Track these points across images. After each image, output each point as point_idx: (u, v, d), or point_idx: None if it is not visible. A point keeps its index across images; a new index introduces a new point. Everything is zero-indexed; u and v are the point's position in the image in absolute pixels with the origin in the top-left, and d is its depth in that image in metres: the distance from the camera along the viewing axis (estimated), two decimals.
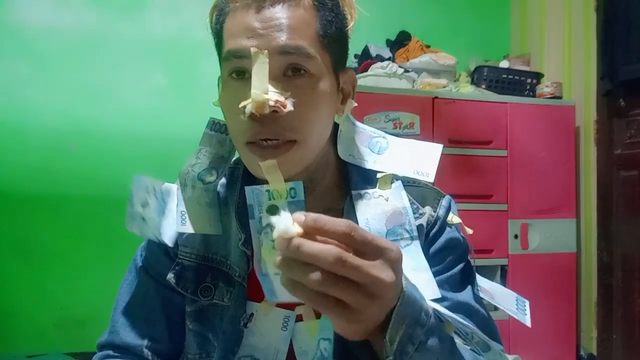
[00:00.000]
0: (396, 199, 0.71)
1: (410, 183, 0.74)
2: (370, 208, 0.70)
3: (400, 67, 2.46)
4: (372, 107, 2.20)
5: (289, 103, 0.60)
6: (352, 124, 0.75)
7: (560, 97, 2.56)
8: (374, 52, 2.62)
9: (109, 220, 2.57)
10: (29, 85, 2.55)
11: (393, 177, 0.72)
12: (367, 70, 2.43)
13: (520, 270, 2.37)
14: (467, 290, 0.72)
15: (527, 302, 0.71)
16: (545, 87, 2.57)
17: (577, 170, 2.54)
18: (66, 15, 2.63)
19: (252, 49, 0.60)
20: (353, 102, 0.73)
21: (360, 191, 0.72)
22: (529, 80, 2.62)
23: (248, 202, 0.60)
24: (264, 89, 0.59)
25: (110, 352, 0.75)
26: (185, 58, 2.75)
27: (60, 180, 2.55)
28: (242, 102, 0.60)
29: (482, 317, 0.71)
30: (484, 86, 2.55)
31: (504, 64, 2.71)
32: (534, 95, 2.59)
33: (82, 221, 2.57)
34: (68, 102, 2.58)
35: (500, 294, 0.74)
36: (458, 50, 2.67)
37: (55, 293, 2.53)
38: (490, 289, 0.75)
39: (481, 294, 0.73)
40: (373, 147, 0.75)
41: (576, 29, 2.67)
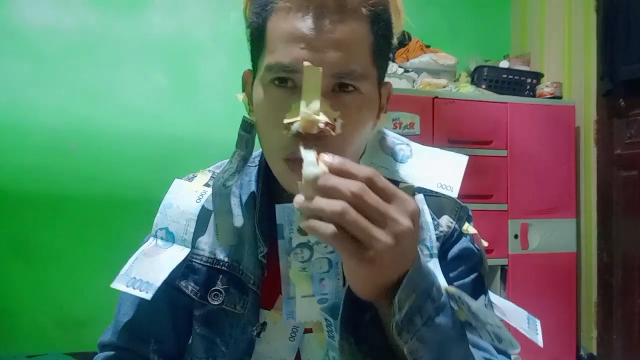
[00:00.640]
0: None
1: (429, 194, 0.71)
2: None
3: (400, 67, 2.47)
4: None
5: (338, 125, 0.57)
6: (377, 130, 0.72)
7: (560, 97, 2.56)
8: None
9: (109, 220, 2.57)
10: (29, 85, 2.55)
11: (415, 189, 0.70)
12: None
13: (520, 270, 2.37)
14: (480, 300, 0.70)
15: (539, 322, 0.70)
16: (545, 87, 2.57)
17: (577, 170, 2.54)
18: (66, 15, 2.63)
19: (305, 63, 0.55)
20: (387, 116, 0.72)
21: None
22: (529, 80, 2.62)
23: (278, 221, 0.57)
24: (314, 109, 0.55)
25: (113, 353, 0.73)
26: (185, 58, 2.76)
27: (60, 180, 2.54)
28: (288, 119, 0.56)
29: None
30: (484, 86, 2.55)
31: (504, 64, 2.71)
32: (534, 95, 2.59)
33: (82, 221, 2.57)
34: (68, 102, 2.58)
35: (512, 311, 0.73)
36: (458, 50, 2.67)
37: (55, 293, 2.53)
38: (502, 306, 0.73)
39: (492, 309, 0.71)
40: (396, 155, 0.72)
41: (576, 29, 2.67)
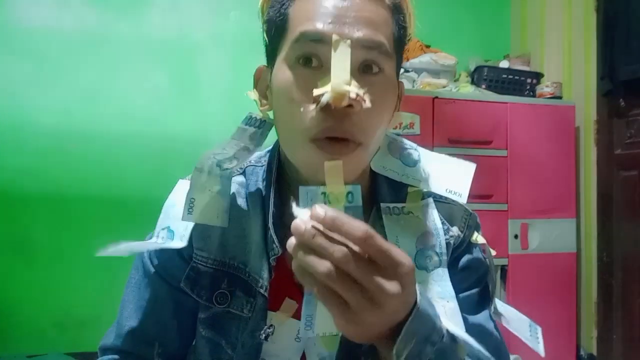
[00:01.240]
0: (428, 218, 0.69)
1: (439, 199, 0.71)
2: (400, 226, 0.68)
3: (400, 67, 2.46)
4: None
5: (367, 100, 0.56)
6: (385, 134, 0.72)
7: (560, 97, 2.56)
8: None
9: (109, 220, 2.57)
10: (29, 85, 2.55)
11: (424, 194, 0.70)
12: None
13: (520, 271, 2.37)
14: (484, 313, 0.71)
15: (540, 329, 0.70)
16: (545, 87, 2.57)
17: (577, 170, 2.54)
18: (66, 15, 2.63)
19: (334, 36, 0.55)
20: (400, 114, 0.71)
21: (390, 205, 0.69)
22: (529, 80, 2.62)
23: (301, 205, 0.57)
24: (345, 79, 0.53)
25: (117, 358, 0.71)
26: (185, 58, 2.75)
27: (60, 180, 2.54)
28: (317, 90, 0.55)
29: (495, 341, 0.70)
30: (484, 86, 2.55)
31: (504, 64, 2.71)
32: (534, 95, 2.59)
33: (82, 221, 2.57)
34: (68, 102, 2.58)
35: (515, 319, 0.73)
36: (458, 50, 2.67)
37: (55, 293, 2.53)
38: (506, 314, 0.73)
39: (496, 318, 0.72)
40: (405, 159, 0.71)
41: (576, 29, 2.67)
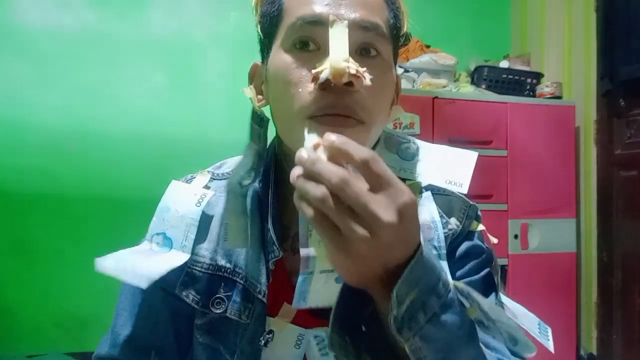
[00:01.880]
0: (425, 211, 0.67)
1: (437, 192, 0.70)
2: None
3: (400, 67, 2.46)
4: None
5: (367, 78, 0.55)
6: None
7: (560, 97, 2.56)
8: None
9: (109, 220, 2.57)
10: (29, 85, 2.55)
11: (422, 187, 0.69)
12: None
13: (520, 271, 2.37)
14: (490, 298, 0.67)
15: (550, 329, 0.68)
16: (545, 87, 2.57)
17: (577, 170, 2.54)
18: (66, 15, 2.63)
19: (331, 16, 0.55)
20: (400, 109, 0.69)
21: None
22: (529, 80, 2.62)
23: None
24: (344, 56, 0.53)
25: None
26: (185, 58, 2.75)
27: (60, 180, 2.54)
28: (316, 69, 0.55)
29: None
30: (484, 86, 2.55)
31: (504, 64, 2.71)
32: (534, 95, 2.58)
33: (81, 221, 2.57)
34: (68, 102, 2.58)
35: (523, 315, 0.70)
36: (458, 50, 2.67)
37: (55, 293, 2.53)
38: (513, 309, 0.71)
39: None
40: (402, 153, 0.70)
41: (576, 29, 2.67)
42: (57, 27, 2.61)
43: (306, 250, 0.53)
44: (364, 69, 0.55)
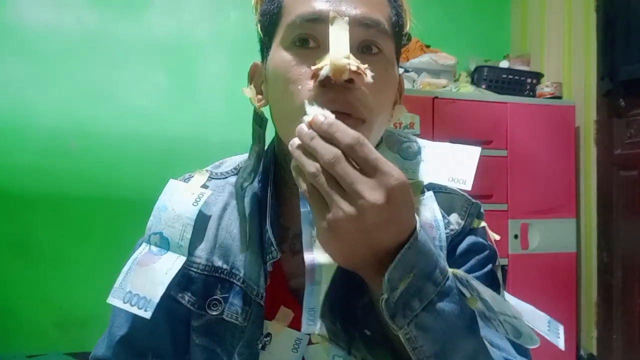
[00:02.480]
0: (427, 210, 0.67)
1: (439, 189, 0.69)
2: None
3: (400, 67, 2.45)
4: None
5: (369, 75, 0.54)
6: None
7: (560, 97, 2.56)
8: None
9: (109, 220, 2.57)
10: (29, 85, 2.55)
11: (424, 186, 0.68)
12: None
13: (520, 270, 2.37)
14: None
15: (562, 327, 0.65)
16: (545, 87, 2.57)
17: (577, 170, 2.54)
18: (66, 15, 2.63)
19: (331, 13, 0.55)
20: (403, 109, 0.68)
21: None
22: (529, 80, 2.62)
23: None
24: (344, 53, 0.52)
25: None
26: (185, 58, 2.75)
27: (60, 180, 2.54)
28: (315, 65, 0.54)
29: None
30: (484, 86, 2.55)
31: (504, 64, 2.71)
32: (534, 95, 2.58)
33: (82, 221, 2.57)
34: (68, 102, 2.58)
35: (531, 314, 0.68)
36: (458, 50, 2.67)
37: (55, 293, 2.53)
38: (519, 308, 0.68)
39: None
40: (403, 153, 0.69)
41: (576, 29, 2.67)
42: (57, 27, 2.61)
43: (311, 257, 0.52)
44: (366, 65, 0.54)
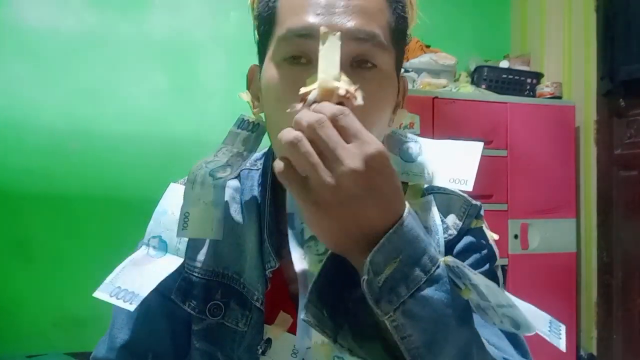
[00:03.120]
0: (426, 214, 0.65)
1: (438, 190, 0.68)
2: None
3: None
4: None
5: (359, 96, 0.51)
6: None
7: (560, 97, 2.56)
8: None
9: (109, 220, 2.58)
10: (29, 85, 2.55)
11: (425, 190, 0.67)
12: None
13: (520, 270, 2.37)
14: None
15: (564, 327, 0.64)
16: (545, 87, 2.57)
17: (577, 170, 2.54)
18: (66, 16, 2.63)
19: (322, 29, 0.52)
20: (405, 112, 0.66)
21: None
22: (529, 80, 2.62)
23: (288, 209, 0.54)
24: (334, 74, 0.50)
25: None
26: (185, 58, 2.76)
27: (60, 180, 2.55)
28: (304, 88, 0.51)
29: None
30: (484, 86, 2.55)
31: (504, 64, 2.71)
32: (534, 95, 2.59)
33: (82, 221, 2.57)
34: (68, 102, 2.58)
35: (532, 314, 0.65)
36: (458, 50, 2.67)
37: (55, 293, 2.53)
38: (521, 308, 0.69)
39: None
40: (404, 154, 0.67)
41: (576, 29, 2.67)
42: (57, 27, 2.61)
43: (301, 266, 0.52)
44: (356, 86, 0.51)
